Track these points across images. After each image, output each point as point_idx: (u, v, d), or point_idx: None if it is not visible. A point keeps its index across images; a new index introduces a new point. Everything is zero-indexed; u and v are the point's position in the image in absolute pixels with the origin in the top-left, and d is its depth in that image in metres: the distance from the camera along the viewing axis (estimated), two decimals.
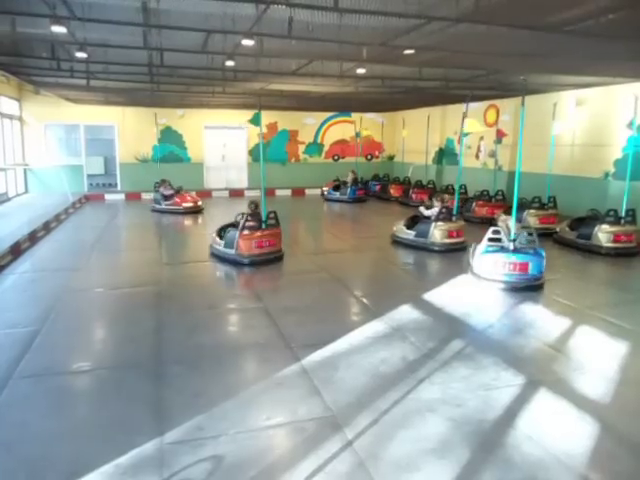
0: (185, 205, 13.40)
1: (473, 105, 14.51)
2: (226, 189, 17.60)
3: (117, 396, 3.82)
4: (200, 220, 12.78)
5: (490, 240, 6.71)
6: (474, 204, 11.82)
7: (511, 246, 6.61)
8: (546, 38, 6.11)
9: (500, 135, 12.68)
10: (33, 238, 9.39)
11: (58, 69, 9.18)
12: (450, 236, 8.76)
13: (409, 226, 9.20)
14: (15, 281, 6.90)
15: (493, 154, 13.72)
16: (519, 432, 3.37)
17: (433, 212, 8.95)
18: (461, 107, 14.61)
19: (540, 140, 11.92)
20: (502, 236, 6.71)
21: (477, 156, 14.66)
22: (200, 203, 13.71)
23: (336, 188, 15.91)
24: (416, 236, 8.90)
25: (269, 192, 17.14)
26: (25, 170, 15.74)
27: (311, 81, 10.04)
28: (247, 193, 17.18)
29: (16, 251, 8.25)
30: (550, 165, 10.60)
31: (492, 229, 6.82)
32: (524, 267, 6.53)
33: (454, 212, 9.00)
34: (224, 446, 3.21)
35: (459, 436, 3.31)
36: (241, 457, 3.11)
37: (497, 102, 13.79)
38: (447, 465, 3.02)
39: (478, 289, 6.60)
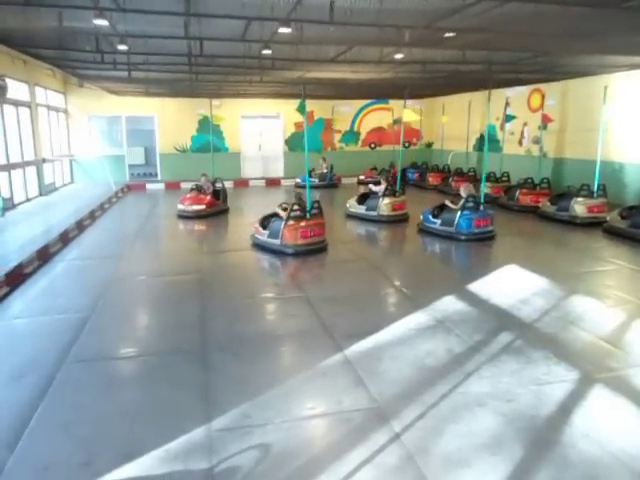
0: (180, 207, 11.02)
1: (517, 89, 14.01)
2: (262, 178, 17.71)
3: (165, 382, 3.90)
4: (239, 210, 12.83)
5: (466, 205, 8.54)
6: (517, 192, 11.40)
7: (481, 208, 8.67)
8: (602, 15, 5.77)
9: (546, 120, 12.16)
10: (80, 226, 9.72)
11: (102, 62, 9.39)
12: (395, 209, 10.05)
13: (360, 202, 10.39)
14: (65, 268, 7.16)
15: (537, 140, 13.22)
16: (575, 429, 3.23)
17: (380, 189, 10.19)
18: (504, 92, 14.15)
19: (589, 125, 11.39)
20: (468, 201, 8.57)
21: (520, 142, 14.16)
22: (196, 208, 10.87)
23: (310, 174, 15.94)
24: (367, 210, 10.18)
25: None
26: (71, 161, 16.30)
27: (349, 68, 9.90)
28: (283, 182, 17.23)
29: (65, 239, 8.56)
30: (600, 151, 10.07)
31: (467, 197, 8.64)
32: (488, 222, 8.61)
33: (397, 189, 10.42)
34: (271, 434, 3.22)
35: (511, 432, 3.21)
36: (288, 446, 3.11)
37: (542, 86, 13.23)
38: (500, 462, 2.93)
39: (525, 280, 6.40)
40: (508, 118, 13.52)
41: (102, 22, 6.59)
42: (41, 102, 13.59)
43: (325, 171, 16.39)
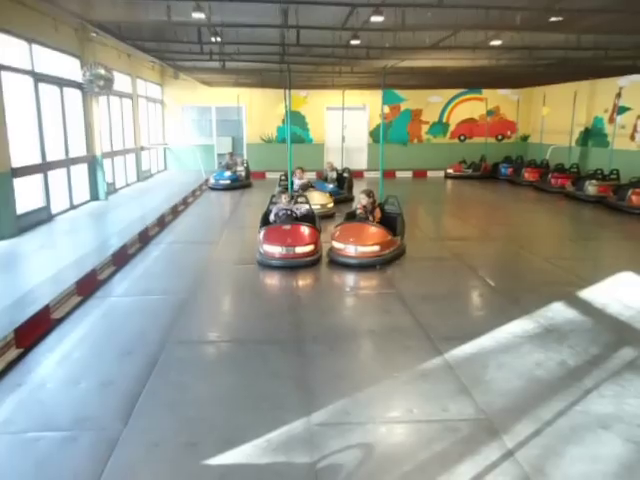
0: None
1: (631, 78, 12.66)
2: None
3: (263, 369, 3.89)
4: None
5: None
6: (630, 192, 10.30)
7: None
8: None
9: None
10: (175, 212, 10.20)
11: (201, 52, 9.70)
12: None
13: None
14: (164, 250, 7.52)
15: None
16: None
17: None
18: (616, 81, 12.86)
19: None
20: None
21: (632, 137, 12.80)
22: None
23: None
24: None
25: (389, 174, 16.82)
26: (164, 149, 17.22)
27: (448, 55, 9.42)
28: (366, 175, 17.01)
29: (162, 223, 9.01)
30: None
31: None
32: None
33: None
34: (372, 434, 3.09)
35: None
36: (391, 449, 2.97)
37: None
38: None
39: None
40: (621, 110, 12.32)
41: (199, 15, 6.77)
42: (141, 93, 14.44)
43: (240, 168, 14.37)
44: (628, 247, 8.19)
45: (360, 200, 7.28)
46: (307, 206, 7.63)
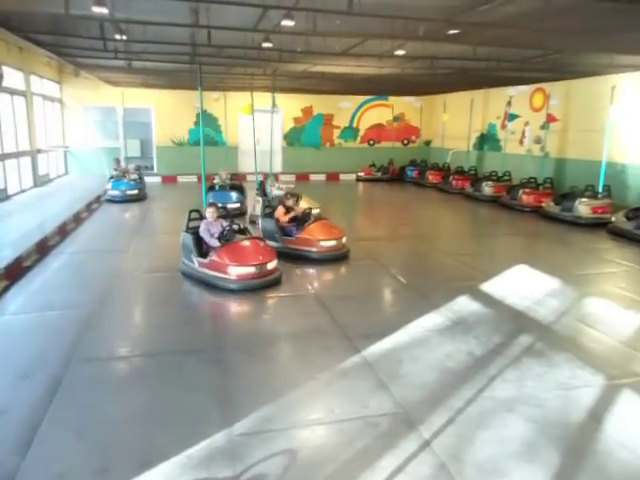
0: None
1: (519, 88, 13.94)
2: (260, 173, 17.45)
3: (178, 382, 3.74)
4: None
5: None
6: (520, 192, 11.34)
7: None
8: (630, 11, 5.62)
9: (550, 120, 12.10)
10: (77, 219, 9.47)
11: (104, 50, 9.11)
12: None
13: None
14: (66, 261, 6.94)
15: (539, 140, 13.17)
16: (609, 438, 3.14)
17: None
18: (506, 91, 14.08)
19: (592, 126, 11.34)
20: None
21: (521, 142, 14.09)
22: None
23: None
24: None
25: (303, 177, 17.04)
26: (65, 152, 15.94)
27: (356, 62, 9.72)
28: (281, 177, 17.01)
29: (63, 232, 8.32)
30: (605, 152, 10.03)
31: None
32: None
33: None
34: (296, 439, 3.09)
35: (545, 439, 3.10)
36: (315, 452, 2.98)
37: (545, 85, 13.15)
38: (537, 471, 2.83)
39: (536, 280, 6.31)
40: (511, 117, 13.50)
41: (101, 10, 6.33)
42: (36, 91, 13.24)
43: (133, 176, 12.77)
44: (521, 242, 9.02)
45: (284, 202, 7.61)
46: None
